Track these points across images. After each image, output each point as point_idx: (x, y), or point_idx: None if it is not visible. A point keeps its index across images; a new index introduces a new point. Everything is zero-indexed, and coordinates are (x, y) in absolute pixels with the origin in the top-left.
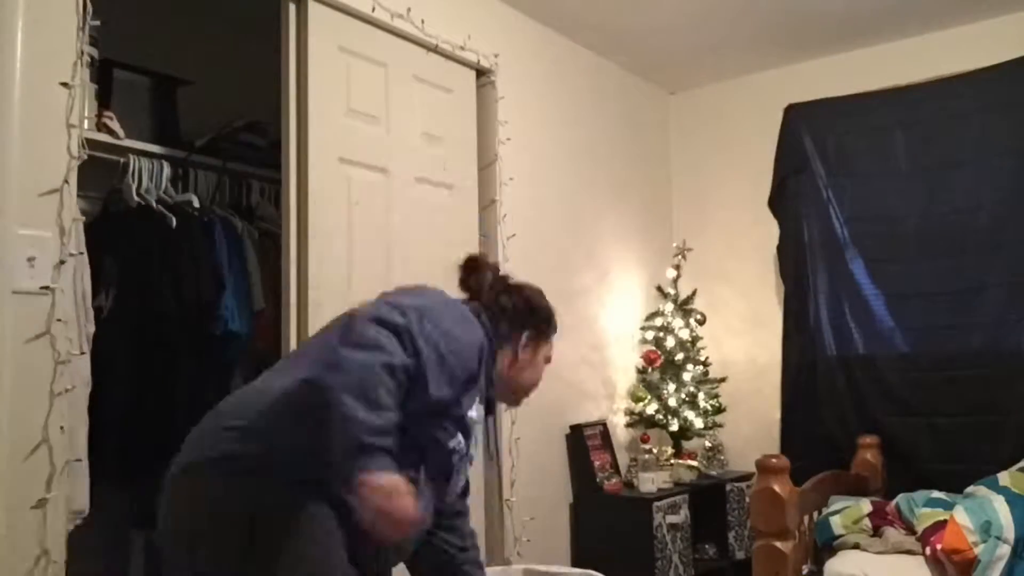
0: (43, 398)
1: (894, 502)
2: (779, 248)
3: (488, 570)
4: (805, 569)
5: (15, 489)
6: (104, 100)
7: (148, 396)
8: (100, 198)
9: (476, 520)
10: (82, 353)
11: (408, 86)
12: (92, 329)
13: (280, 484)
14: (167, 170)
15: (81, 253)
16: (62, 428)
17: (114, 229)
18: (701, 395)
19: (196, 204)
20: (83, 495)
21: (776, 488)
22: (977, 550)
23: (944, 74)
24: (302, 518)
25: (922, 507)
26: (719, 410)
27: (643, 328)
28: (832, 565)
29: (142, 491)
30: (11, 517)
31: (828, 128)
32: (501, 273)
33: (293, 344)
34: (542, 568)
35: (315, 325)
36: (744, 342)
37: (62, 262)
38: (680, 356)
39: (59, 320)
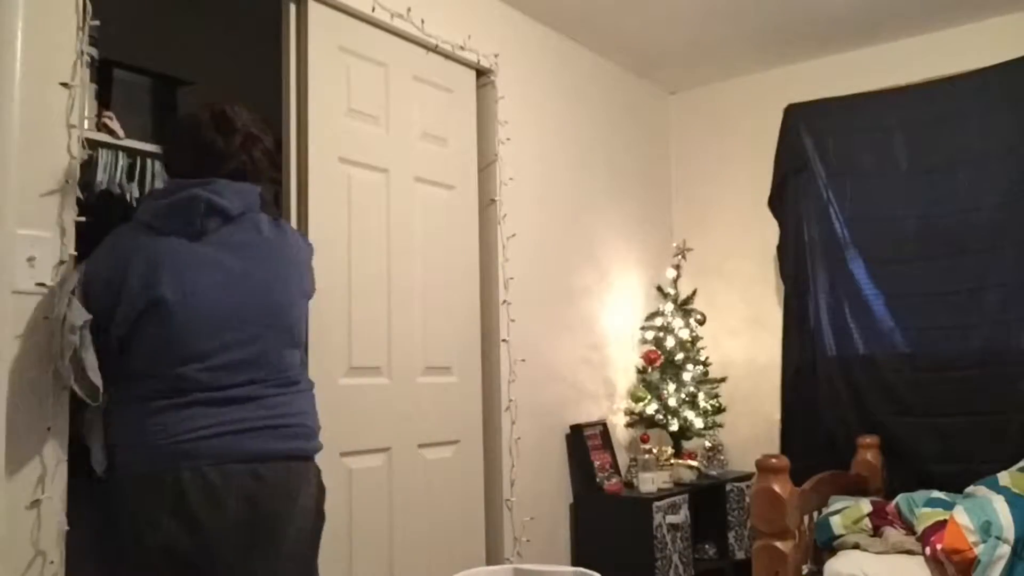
0: (42, 398)
1: (894, 502)
2: (779, 248)
3: (479, 570)
4: (805, 569)
5: (13, 490)
6: (104, 100)
7: None
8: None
9: (476, 520)
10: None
11: (408, 86)
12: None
13: None
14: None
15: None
16: (48, 428)
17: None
18: (701, 395)
19: None
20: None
21: (776, 488)
22: (977, 550)
23: (944, 74)
24: None
25: (922, 507)
26: (719, 410)
27: (643, 328)
28: (832, 565)
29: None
30: (7, 518)
31: (828, 128)
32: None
33: None
34: (534, 567)
35: (314, 325)
36: (744, 342)
37: (62, 262)
38: (680, 356)
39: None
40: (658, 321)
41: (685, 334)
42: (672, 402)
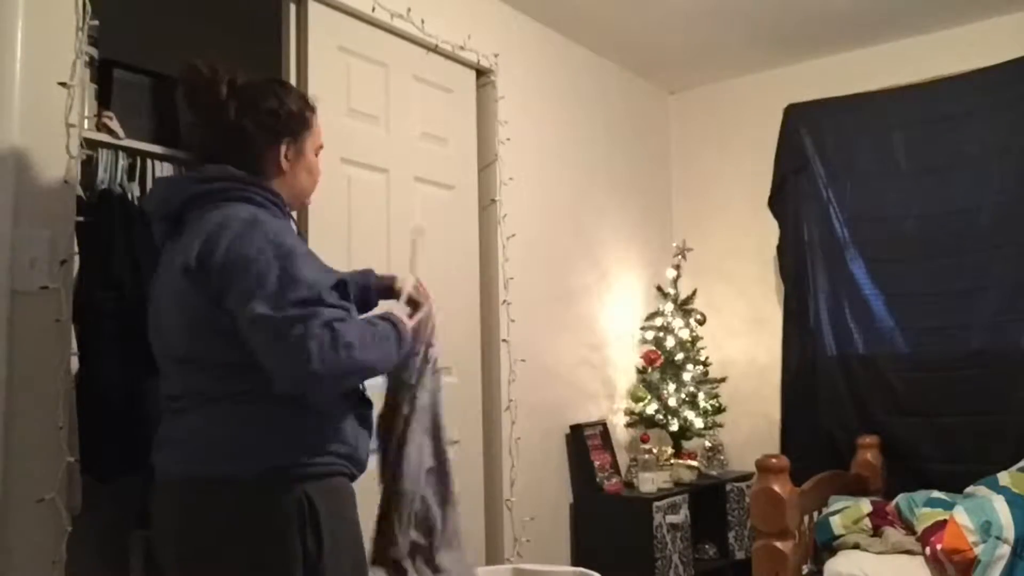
0: (42, 398)
1: (894, 502)
2: (779, 248)
3: (478, 570)
4: (805, 569)
5: (14, 489)
6: (104, 100)
7: (147, 395)
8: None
9: (476, 520)
10: (74, 353)
11: (408, 86)
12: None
13: None
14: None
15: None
16: (60, 427)
17: (111, 226)
18: (701, 395)
19: None
20: (76, 494)
21: (776, 488)
22: (977, 550)
23: (944, 74)
24: None
25: (922, 507)
26: (719, 410)
27: (643, 328)
28: (832, 565)
29: (142, 491)
30: (10, 517)
31: (828, 128)
32: (230, 80)
33: None
34: (534, 567)
35: None
36: (744, 342)
37: (62, 262)
38: (680, 356)
39: (57, 320)
40: (658, 321)
41: (685, 334)
42: (672, 402)
